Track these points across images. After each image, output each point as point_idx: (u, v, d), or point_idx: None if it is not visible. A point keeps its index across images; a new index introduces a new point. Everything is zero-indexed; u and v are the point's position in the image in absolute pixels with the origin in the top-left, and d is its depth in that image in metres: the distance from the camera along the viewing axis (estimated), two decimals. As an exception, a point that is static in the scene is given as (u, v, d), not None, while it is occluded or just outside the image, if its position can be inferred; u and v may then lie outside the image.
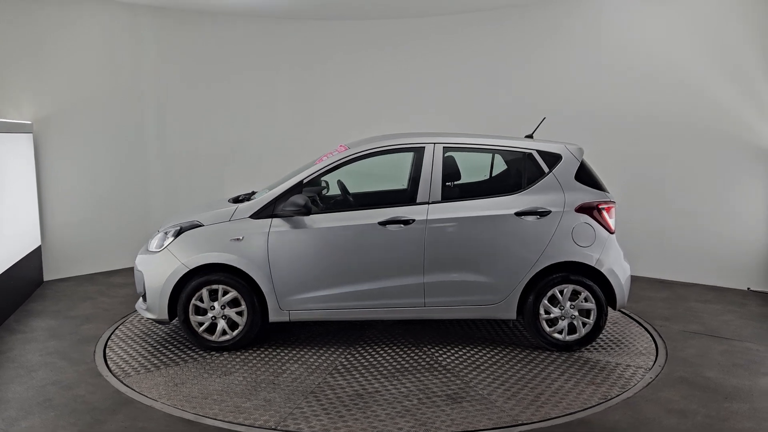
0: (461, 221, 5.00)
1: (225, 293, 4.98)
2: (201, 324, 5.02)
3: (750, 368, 4.77)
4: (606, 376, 4.54)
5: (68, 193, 7.52)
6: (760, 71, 6.74)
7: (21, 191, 6.55)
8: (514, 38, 8.33)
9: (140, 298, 5.24)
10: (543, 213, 5.01)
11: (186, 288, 4.97)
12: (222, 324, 5.01)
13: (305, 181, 5.09)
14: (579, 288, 5.01)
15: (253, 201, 5.12)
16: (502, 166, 5.64)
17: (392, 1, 7.88)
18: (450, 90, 8.75)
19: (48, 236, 7.35)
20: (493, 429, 3.77)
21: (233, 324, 5.03)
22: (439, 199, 5.05)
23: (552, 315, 5.03)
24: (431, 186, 5.07)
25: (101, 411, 3.95)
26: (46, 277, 7.40)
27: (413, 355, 4.97)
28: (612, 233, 5.08)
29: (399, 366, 4.74)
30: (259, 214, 5.02)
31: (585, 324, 5.04)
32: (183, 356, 4.94)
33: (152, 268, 5.07)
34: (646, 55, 7.45)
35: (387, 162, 5.46)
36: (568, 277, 5.00)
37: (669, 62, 7.30)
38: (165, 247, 5.06)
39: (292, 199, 4.94)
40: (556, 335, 5.05)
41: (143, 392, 4.26)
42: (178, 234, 5.09)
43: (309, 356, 4.95)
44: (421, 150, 5.17)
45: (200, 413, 3.94)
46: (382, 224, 4.97)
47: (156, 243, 5.18)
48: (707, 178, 7.23)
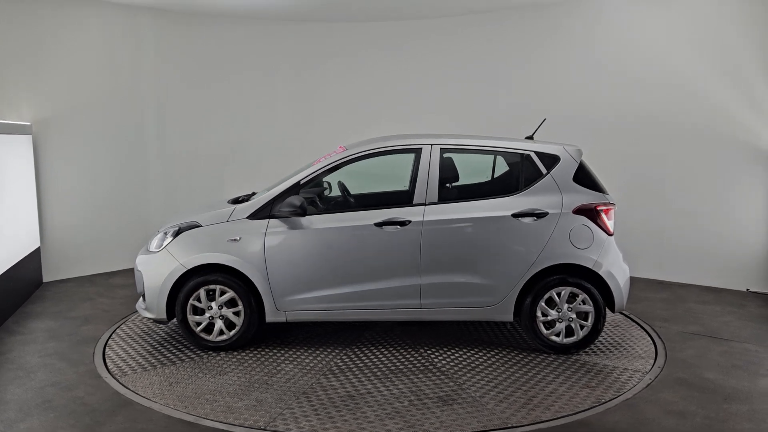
0: (457, 222, 4.98)
1: (222, 293, 5.02)
2: (199, 324, 5.06)
3: (749, 369, 4.75)
4: (601, 380, 4.50)
5: (68, 194, 7.48)
6: (760, 72, 6.73)
7: (20, 192, 6.51)
8: (514, 39, 8.32)
9: (140, 298, 5.30)
10: (540, 214, 4.97)
11: (184, 288, 5.02)
12: (219, 324, 5.05)
13: (302, 182, 5.10)
14: (577, 290, 4.96)
15: (251, 202, 5.15)
16: (503, 168, 5.62)
17: (392, 3, 7.88)
18: (450, 91, 8.73)
19: (47, 237, 7.31)
20: (482, 432, 3.77)
21: (230, 324, 5.06)
22: (436, 201, 5.04)
23: (549, 317, 5.00)
24: (428, 187, 5.06)
25: (100, 412, 3.96)
26: (46, 279, 7.35)
27: (409, 357, 4.96)
28: (610, 235, 5.03)
29: (393, 367, 4.74)
30: (257, 215, 5.04)
31: (583, 327, 5.00)
32: (180, 356, 4.98)
33: (151, 268, 5.12)
34: (646, 56, 7.42)
35: (391, 163, 5.46)
36: (566, 280, 4.96)
37: (668, 63, 7.27)
38: (164, 247, 5.11)
39: (289, 200, 4.97)
40: (554, 338, 5.01)
41: (138, 391, 4.30)
42: (177, 234, 5.14)
43: (304, 357, 4.97)
44: (419, 151, 5.17)
45: (192, 413, 3.97)
46: (379, 225, 4.97)
47: (156, 243, 5.24)
48: (707, 179, 7.20)
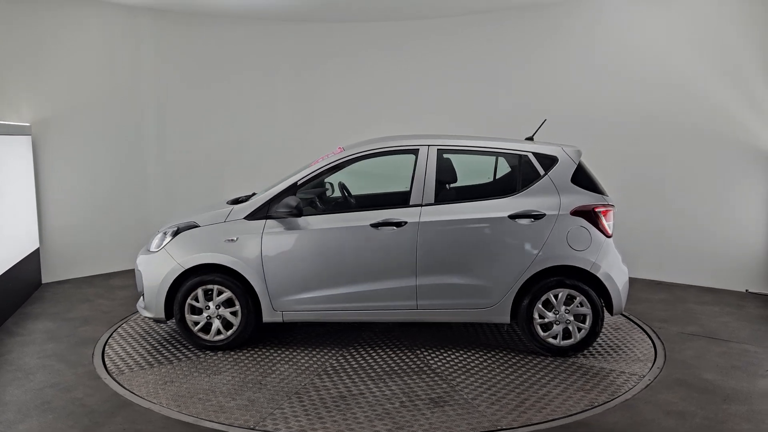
0: (453, 224, 4.96)
1: (220, 293, 5.05)
2: (196, 323, 5.09)
3: (748, 370, 4.73)
4: (597, 383, 4.46)
5: (67, 195, 7.46)
6: (760, 72, 6.71)
7: (19, 193, 6.49)
8: (514, 39, 8.31)
9: (141, 297, 5.35)
10: (537, 216, 4.94)
11: (182, 287, 5.06)
12: (217, 324, 5.08)
13: (299, 183, 5.12)
14: (574, 292, 4.92)
15: (248, 202, 5.18)
16: (506, 169, 5.59)
17: (392, 3, 7.87)
18: (450, 91, 8.71)
19: (46, 238, 7.30)
20: (472, 434, 3.75)
21: (228, 324, 5.09)
22: (432, 202, 5.03)
23: (546, 320, 4.96)
24: (424, 188, 5.05)
25: (99, 413, 3.96)
26: (45, 280, 7.33)
27: (404, 358, 4.95)
28: (609, 237, 4.98)
29: (388, 368, 4.74)
30: (254, 216, 5.07)
31: (580, 329, 4.96)
32: (178, 355, 5.02)
33: (150, 268, 5.17)
34: (646, 56, 7.40)
35: (396, 163, 5.45)
36: (563, 282, 4.92)
37: (668, 63, 7.25)
38: (162, 247, 5.16)
39: (285, 201, 4.99)
40: (551, 340, 4.98)
41: (134, 390, 4.33)
42: (176, 234, 5.18)
43: (300, 357, 4.98)
44: (416, 152, 5.16)
45: (184, 411, 4.00)
46: (375, 226, 4.97)
47: (155, 243, 5.28)
48: (706, 180, 7.17)
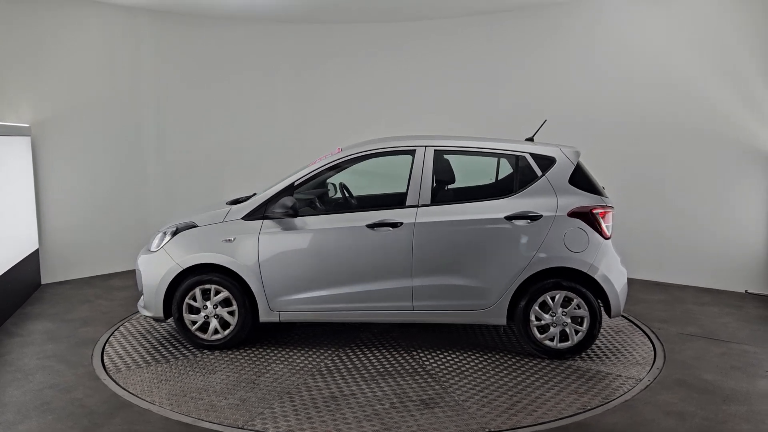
0: (449, 225, 4.94)
1: (217, 293, 5.09)
2: (194, 322, 5.13)
3: (748, 371, 4.71)
4: (591, 386, 4.41)
5: (66, 196, 7.46)
6: (760, 73, 6.68)
7: (19, 194, 6.49)
8: (514, 40, 8.29)
9: (141, 297, 5.41)
10: (534, 217, 4.90)
11: (180, 287, 5.11)
12: (214, 323, 5.12)
13: (296, 184, 5.14)
14: (571, 295, 4.88)
15: (246, 203, 5.20)
16: (503, 170, 5.56)
17: (392, 4, 7.87)
18: (450, 91, 8.70)
19: (46, 239, 7.29)
20: (461, 436, 3.73)
21: (225, 323, 5.13)
22: (429, 203, 5.02)
23: (543, 321, 4.92)
24: (421, 189, 5.04)
25: (99, 414, 3.97)
26: (44, 280, 7.32)
27: (400, 359, 4.95)
28: (607, 239, 4.93)
29: (382, 369, 4.73)
30: (251, 216, 5.10)
31: (578, 332, 4.91)
32: (176, 354, 5.07)
33: (150, 268, 5.22)
34: (646, 56, 7.39)
35: (399, 164, 5.45)
36: (560, 284, 4.88)
37: (668, 63, 7.23)
38: (161, 247, 5.21)
39: (281, 201, 5.01)
40: (548, 342, 4.94)
41: (129, 388, 4.38)
42: (175, 234, 5.23)
43: (296, 357, 5.00)
44: (413, 153, 5.15)
45: (176, 410, 4.03)
46: (371, 227, 4.97)
47: (155, 243, 5.34)
48: (706, 180, 7.14)
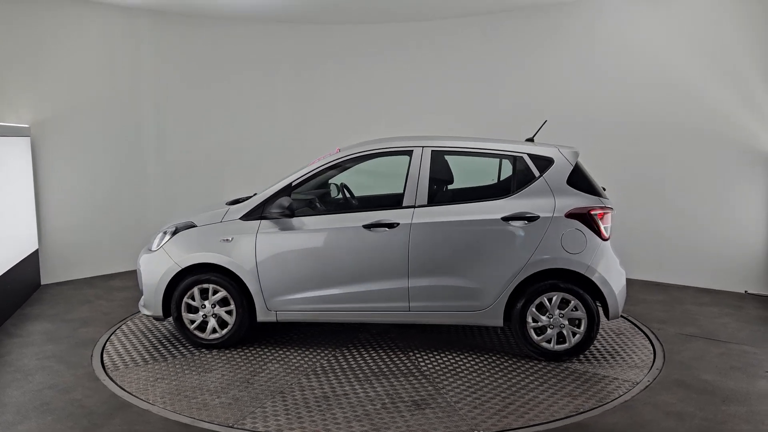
0: (445, 225, 4.93)
1: (215, 292, 5.12)
2: (193, 321, 5.17)
3: (747, 371, 4.68)
4: (586, 389, 4.37)
5: (66, 196, 7.46)
6: (760, 73, 6.65)
7: (19, 194, 6.49)
8: (514, 40, 8.27)
9: (142, 296, 5.47)
10: (531, 218, 4.87)
11: (179, 286, 5.15)
12: (212, 322, 5.15)
13: (294, 184, 5.15)
14: (568, 296, 4.84)
15: (244, 203, 5.24)
16: (508, 170, 5.52)
17: (391, 5, 7.86)
18: (450, 91, 8.68)
19: (46, 239, 7.30)
20: (450, 437, 3.72)
21: (223, 323, 5.16)
22: (426, 203, 5.01)
23: (540, 323, 4.89)
24: (417, 189, 5.03)
25: (98, 415, 3.97)
26: (44, 281, 7.32)
27: (396, 359, 4.94)
28: (605, 240, 4.88)
29: (377, 369, 4.73)
30: (249, 216, 5.12)
31: (575, 334, 4.87)
32: (174, 352, 5.11)
33: (149, 267, 5.27)
34: (646, 56, 7.36)
35: (401, 164, 5.44)
36: (558, 285, 4.84)
37: (668, 63, 7.21)
38: (160, 247, 5.26)
39: (278, 201, 5.03)
40: (545, 344, 4.90)
41: (124, 386, 4.42)
42: (174, 234, 5.28)
43: (292, 356, 5.02)
44: (410, 153, 5.15)
45: (168, 408, 4.06)
46: (367, 227, 4.97)
47: (156, 242, 5.39)
48: (706, 180, 7.11)
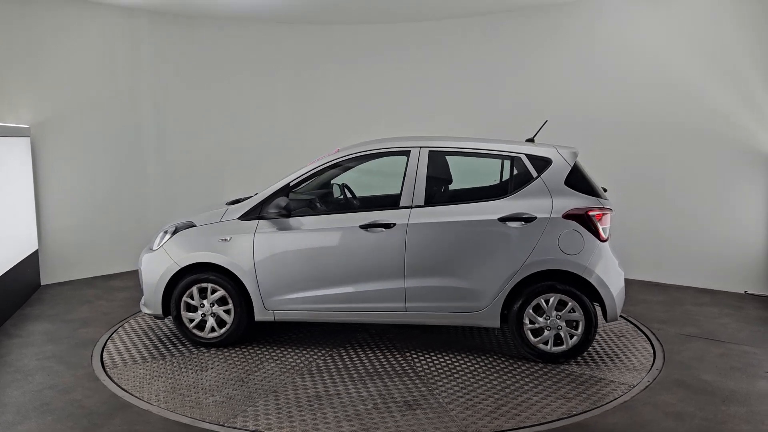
0: (442, 226, 4.91)
1: (214, 291, 5.16)
2: (192, 320, 5.22)
3: (747, 371, 4.66)
4: (581, 391, 4.33)
5: (66, 196, 7.46)
6: (760, 73, 6.61)
7: (18, 195, 6.49)
8: (514, 41, 8.24)
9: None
10: (528, 219, 4.84)
11: (178, 285, 5.20)
12: (211, 321, 5.19)
13: (291, 185, 5.17)
14: (566, 298, 4.80)
15: (242, 203, 5.27)
16: (506, 171, 5.49)
17: (392, 6, 7.86)
18: (450, 92, 8.66)
19: (45, 240, 7.30)
20: (439, 438, 3.71)
21: (222, 322, 5.20)
22: (422, 204, 5.00)
23: (537, 325, 4.86)
24: (414, 190, 5.03)
25: (98, 415, 3.98)
26: (44, 281, 7.32)
27: (392, 360, 4.94)
28: (603, 241, 4.83)
29: (372, 369, 4.74)
30: (247, 216, 5.16)
31: (573, 335, 4.83)
32: (173, 351, 5.16)
33: (150, 266, 5.33)
34: (646, 56, 7.33)
35: (402, 164, 5.44)
36: (555, 286, 4.81)
37: (668, 63, 7.17)
38: (161, 246, 5.31)
39: (275, 202, 5.06)
40: (542, 346, 4.87)
41: (121, 384, 4.47)
42: (174, 233, 5.33)
43: (289, 356, 5.04)
44: (407, 154, 5.14)
45: (162, 406, 4.10)
46: (364, 228, 4.98)
47: (157, 242, 5.44)
48: (706, 180, 7.08)
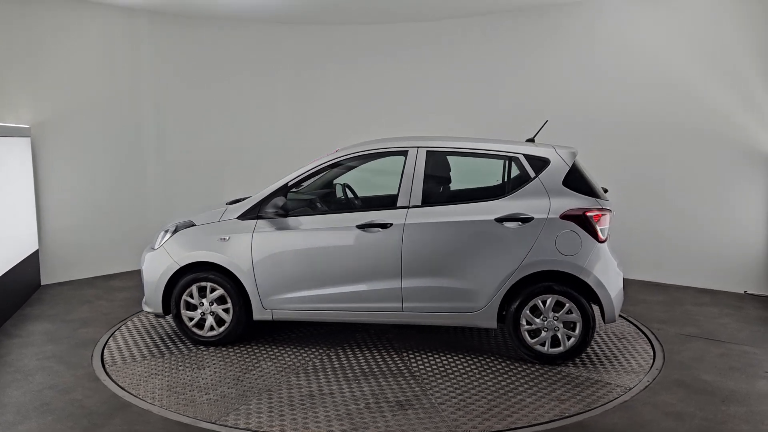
0: (439, 226, 4.90)
1: (213, 290, 5.20)
2: (191, 319, 5.26)
3: (747, 371, 4.65)
4: (576, 393, 4.30)
5: (66, 196, 7.47)
6: (760, 74, 6.57)
7: (18, 195, 6.50)
8: (514, 41, 8.22)
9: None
10: (525, 219, 4.81)
11: (178, 284, 5.25)
12: (210, 320, 5.23)
13: (290, 185, 5.19)
14: (563, 299, 4.77)
15: (241, 203, 5.31)
16: (499, 171, 5.47)
17: (392, 6, 7.84)
18: (450, 92, 8.63)
19: (46, 240, 7.30)
20: (429, 439, 3.71)
21: (221, 320, 5.24)
22: (420, 204, 4.99)
23: (534, 326, 4.83)
24: (412, 190, 5.02)
25: (98, 415, 3.99)
26: (44, 281, 7.33)
27: (388, 359, 4.94)
28: (601, 242, 4.79)
29: (367, 369, 4.74)
30: (246, 216, 5.19)
31: (570, 337, 4.80)
32: (172, 349, 5.20)
33: (151, 265, 5.39)
34: (646, 57, 7.30)
35: (401, 164, 5.44)
36: (552, 287, 4.78)
37: (668, 63, 7.13)
38: (161, 245, 5.37)
39: (273, 201, 5.09)
40: (539, 347, 4.84)
41: (118, 382, 4.52)
42: (175, 232, 5.38)
43: (286, 355, 5.06)
44: (405, 154, 5.14)
45: (156, 403, 4.14)
46: (361, 228, 4.99)
47: (158, 240, 5.50)
48: (706, 180, 7.05)
